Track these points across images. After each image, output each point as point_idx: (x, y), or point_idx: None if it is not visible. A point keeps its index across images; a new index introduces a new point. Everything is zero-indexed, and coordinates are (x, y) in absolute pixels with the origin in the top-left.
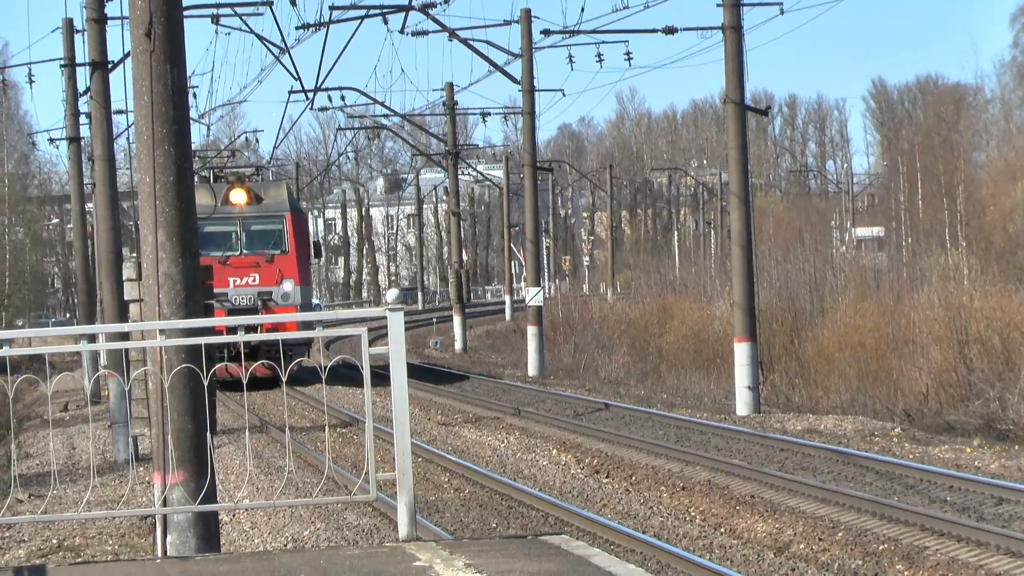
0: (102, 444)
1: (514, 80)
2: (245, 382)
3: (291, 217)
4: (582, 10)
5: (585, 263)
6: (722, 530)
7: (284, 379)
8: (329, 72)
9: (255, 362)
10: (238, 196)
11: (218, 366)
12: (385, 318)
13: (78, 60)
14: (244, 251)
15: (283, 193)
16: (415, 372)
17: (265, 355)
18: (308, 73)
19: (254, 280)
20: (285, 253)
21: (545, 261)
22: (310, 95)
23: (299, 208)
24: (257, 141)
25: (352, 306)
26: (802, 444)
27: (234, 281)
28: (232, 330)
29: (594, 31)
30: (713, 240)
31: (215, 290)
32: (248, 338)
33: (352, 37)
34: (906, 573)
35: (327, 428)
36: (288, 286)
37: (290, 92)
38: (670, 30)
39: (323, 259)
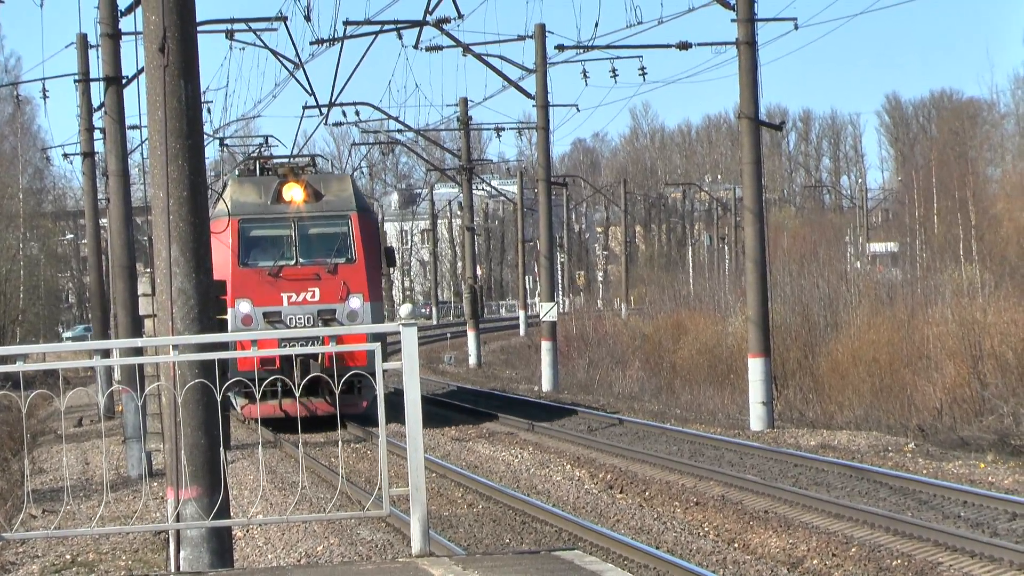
0: (116, 459)
1: (528, 95)
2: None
3: (358, 218)
4: (596, 25)
5: (599, 278)
6: (736, 545)
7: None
8: (343, 87)
9: (315, 397)
10: (293, 192)
11: (268, 404)
12: (399, 333)
13: (92, 75)
14: (301, 260)
15: (348, 188)
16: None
17: (327, 388)
18: (322, 88)
19: (313, 296)
20: (351, 262)
21: (559, 276)
22: (324, 110)
23: (367, 207)
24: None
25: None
26: (816, 460)
27: (288, 297)
28: (292, 359)
29: (608, 46)
30: (727, 255)
31: (264, 309)
32: (311, 348)
33: (366, 52)
34: None
35: (340, 443)
36: (356, 303)
37: (304, 107)
38: (684, 45)
39: (397, 268)
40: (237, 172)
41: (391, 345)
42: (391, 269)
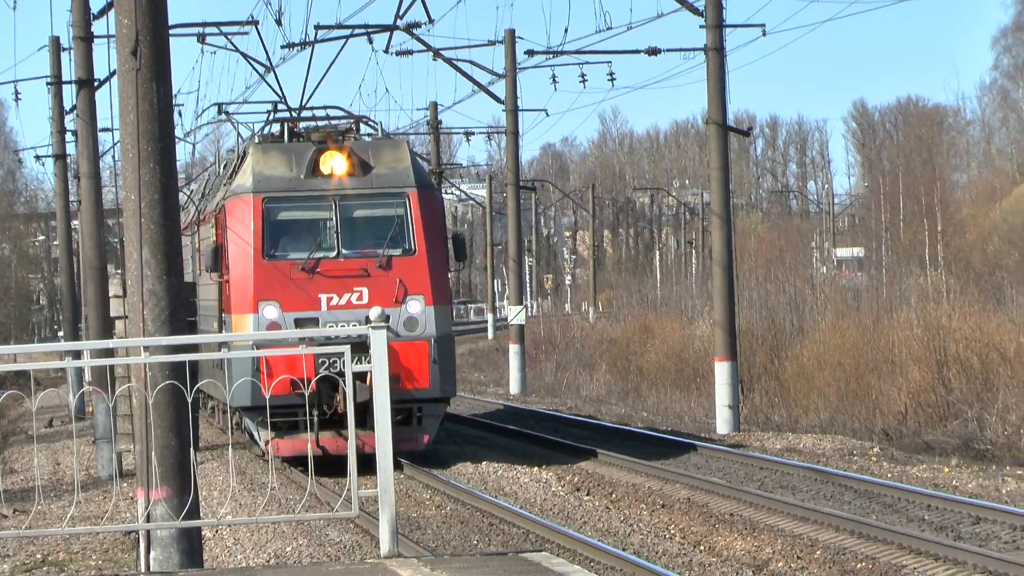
0: (86, 460)
1: (498, 100)
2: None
3: (418, 197)
4: (566, 31)
5: (567, 282)
6: (701, 548)
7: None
8: (314, 91)
9: (362, 429)
10: (334, 163)
11: (299, 438)
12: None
13: (65, 78)
14: (344, 251)
15: (405, 159)
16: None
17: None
18: (293, 92)
19: (360, 298)
20: (410, 254)
21: (528, 280)
22: (295, 113)
23: (430, 183)
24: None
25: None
26: (781, 463)
27: (328, 299)
28: (332, 380)
29: (577, 52)
30: (694, 260)
31: (296, 315)
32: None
33: (337, 56)
34: None
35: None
36: (415, 306)
37: (274, 110)
38: (653, 51)
39: (467, 263)
40: (258, 139)
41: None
42: (461, 264)
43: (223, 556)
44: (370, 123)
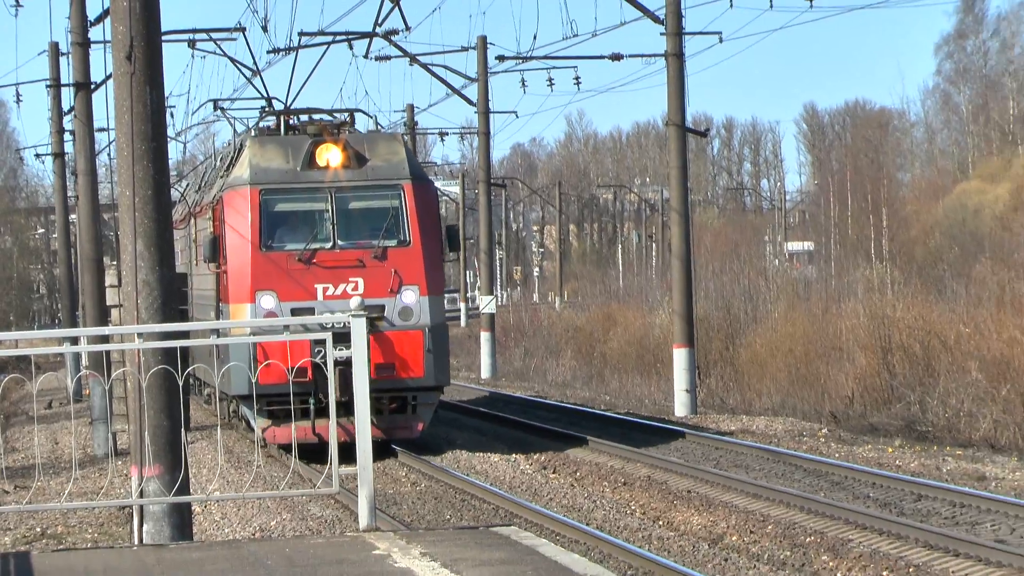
0: (83, 439)
1: (470, 102)
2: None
3: (413, 189)
4: (534, 37)
5: (535, 273)
6: (660, 523)
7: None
8: (298, 94)
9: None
10: (330, 155)
11: (300, 425)
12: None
13: (63, 81)
14: (340, 242)
15: (400, 151)
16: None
17: (374, 406)
18: (278, 94)
19: (356, 288)
20: (405, 245)
21: (498, 271)
22: (270, 122)
23: (424, 175)
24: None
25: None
26: (736, 443)
27: (324, 289)
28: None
29: (545, 57)
30: (654, 253)
31: (293, 304)
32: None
33: (319, 61)
34: (831, 564)
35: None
36: (410, 297)
37: (261, 112)
38: (616, 57)
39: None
40: (255, 132)
41: None
42: (454, 255)
43: (211, 530)
44: (365, 114)
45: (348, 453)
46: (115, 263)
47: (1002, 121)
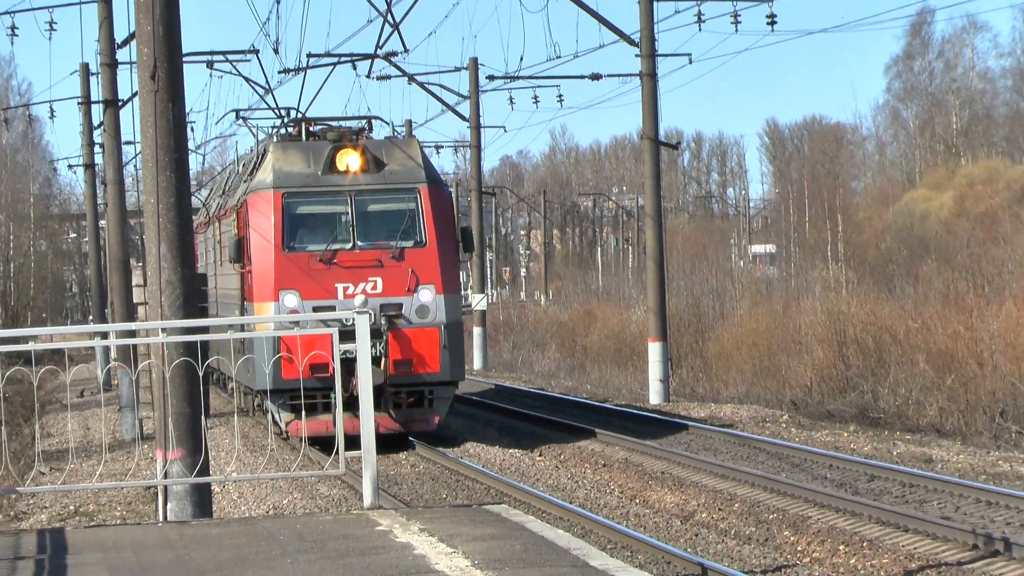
0: (112, 425)
1: (463, 118)
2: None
3: (429, 192)
4: (521, 59)
5: (522, 274)
6: (637, 501)
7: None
8: (307, 110)
9: (377, 411)
10: (350, 160)
11: (318, 420)
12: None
13: (93, 99)
14: (359, 243)
15: (416, 156)
16: None
17: (391, 400)
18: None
19: (374, 287)
20: (421, 245)
21: (488, 272)
22: (290, 129)
23: (439, 179)
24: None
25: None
26: (705, 428)
27: (344, 289)
28: (349, 364)
29: (531, 76)
30: (630, 255)
31: (315, 303)
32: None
33: (326, 80)
34: (792, 539)
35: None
36: (427, 295)
37: (273, 127)
38: (595, 76)
39: (474, 254)
40: (279, 138)
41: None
42: (468, 255)
43: (229, 508)
44: (382, 121)
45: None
46: (141, 264)
47: (946, 135)
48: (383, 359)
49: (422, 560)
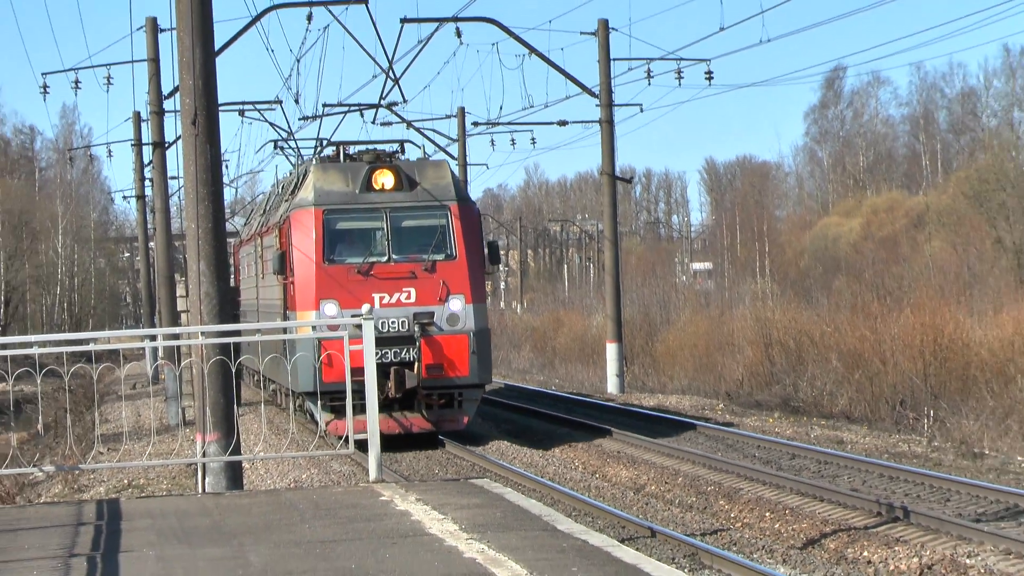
0: (159, 413)
1: (452, 157)
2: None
3: (459, 209)
4: (500, 108)
5: (502, 287)
6: (597, 475)
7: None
8: (322, 151)
9: (410, 412)
10: (385, 179)
11: (357, 419)
12: (361, 324)
13: (144, 141)
14: (394, 256)
15: (446, 176)
16: None
17: (424, 401)
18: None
19: (408, 297)
20: (451, 259)
21: None
22: (329, 152)
23: (468, 197)
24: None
25: None
26: (654, 415)
27: (380, 298)
28: (385, 368)
29: (509, 123)
30: (592, 271)
31: (353, 311)
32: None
33: (338, 126)
34: (727, 507)
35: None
36: (457, 304)
37: (313, 151)
38: (563, 123)
39: (500, 267)
40: (317, 160)
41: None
42: (495, 267)
43: (257, 481)
44: (413, 144)
45: (403, 443)
46: (183, 278)
47: (854, 171)
48: (416, 364)
49: (418, 525)
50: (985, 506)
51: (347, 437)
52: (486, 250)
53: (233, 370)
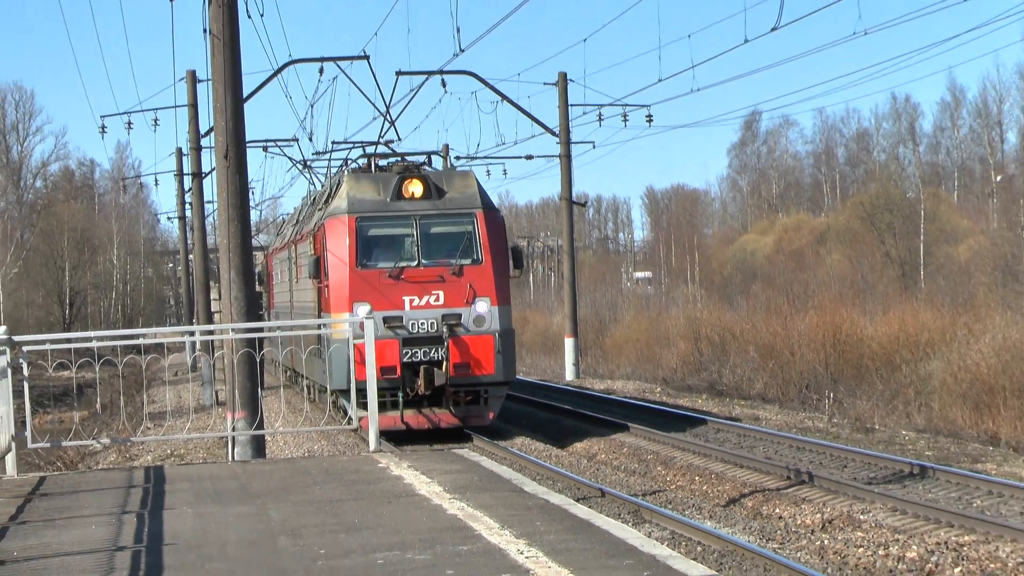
0: (197, 395)
1: None
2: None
3: (484, 216)
4: (478, 144)
5: None
6: (556, 447)
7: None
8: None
9: (438, 407)
10: (415, 188)
11: (388, 415)
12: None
13: (185, 172)
14: (423, 261)
15: (472, 185)
16: None
17: (452, 398)
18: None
19: (437, 299)
20: (478, 263)
21: None
22: (360, 163)
23: (492, 205)
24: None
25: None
26: (604, 397)
27: (411, 301)
28: (414, 367)
29: (485, 157)
30: (553, 279)
31: (385, 313)
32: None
33: (345, 160)
34: (663, 472)
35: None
36: (483, 307)
37: (343, 162)
38: (529, 157)
39: (523, 271)
40: (348, 170)
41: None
42: (519, 271)
43: (277, 451)
44: (438, 155)
45: (431, 437)
46: (217, 285)
47: (768, 197)
48: (444, 362)
49: (409, 487)
50: (876, 471)
51: (351, 413)
52: (511, 255)
53: (258, 360)
